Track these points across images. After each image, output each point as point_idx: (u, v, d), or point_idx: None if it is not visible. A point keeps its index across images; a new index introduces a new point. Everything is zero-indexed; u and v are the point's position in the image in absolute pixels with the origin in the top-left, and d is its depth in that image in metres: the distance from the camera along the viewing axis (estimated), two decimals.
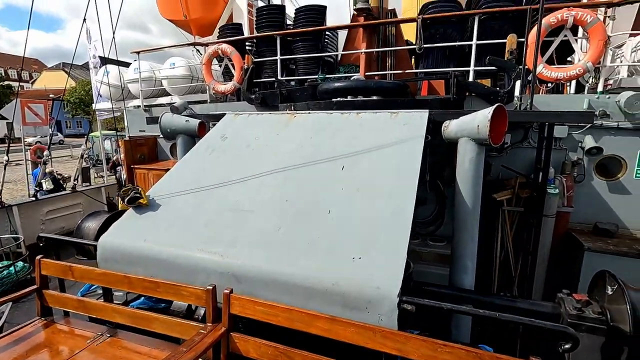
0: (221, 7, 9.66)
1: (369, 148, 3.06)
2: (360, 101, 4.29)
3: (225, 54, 6.62)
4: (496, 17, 5.22)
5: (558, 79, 4.78)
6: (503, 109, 2.76)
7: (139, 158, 7.30)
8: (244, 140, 3.56)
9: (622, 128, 4.45)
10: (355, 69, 6.08)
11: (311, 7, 6.36)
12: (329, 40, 6.69)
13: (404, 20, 6.05)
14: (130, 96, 8.67)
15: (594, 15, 4.50)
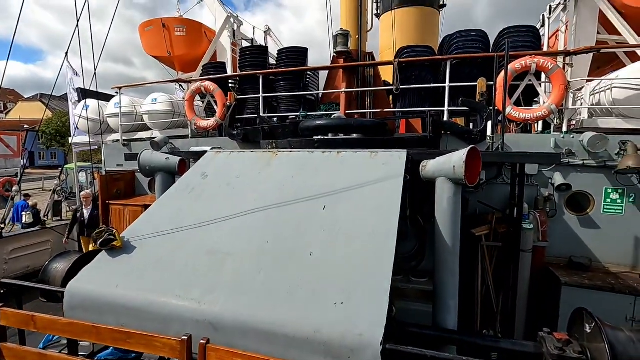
0: (205, 45, 9.92)
1: (349, 187, 3.10)
2: (341, 139, 4.39)
3: (208, 90, 6.73)
4: (466, 62, 5.58)
5: (526, 119, 5.08)
6: (477, 151, 2.88)
7: (116, 193, 7.10)
8: (225, 179, 3.54)
9: (587, 166, 4.71)
10: (336, 107, 6.28)
11: (293, 49, 6.63)
12: (311, 79, 6.93)
13: (382, 63, 6.38)
14: (110, 130, 8.55)
15: (554, 62, 4.89)
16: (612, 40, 6.93)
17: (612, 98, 4.98)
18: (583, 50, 5.07)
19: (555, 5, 7.52)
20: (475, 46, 5.67)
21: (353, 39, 6.29)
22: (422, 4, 15.10)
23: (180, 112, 7.79)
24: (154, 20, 10.04)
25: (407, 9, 15.08)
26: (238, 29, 9.81)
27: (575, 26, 6.80)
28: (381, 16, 16.14)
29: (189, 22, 10.02)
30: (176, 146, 6.95)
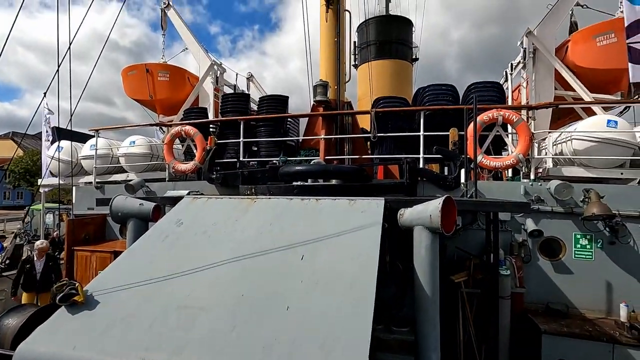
0: (188, 89, 10.11)
1: (328, 235, 3.07)
2: (320, 186, 4.43)
3: (189, 135, 6.75)
4: (439, 113, 5.92)
5: (496, 167, 5.34)
6: (452, 200, 2.97)
7: (84, 238, 6.74)
8: (201, 226, 3.45)
9: (556, 212, 4.91)
10: (315, 153, 6.41)
11: (274, 97, 6.85)
12: (291, 125, 7.11)
13: (359, 112, 6.67)
14: (83, 172, 8.31)
15: (519, 115, 5.26)
16: (567, 95, 7.59)
17: (573, 148, 5.34)
18: (543, 105, 5.50)
19: (516, 64, 8.25)
20: (446, 99, 6.06)
21: (332, 89, 6.59)
22: (396, 57, 16.27)
23: (159, 154, 7.72)
24: (137, 65, 10.23)
25: (382, 61, 16.18)
26: (221, 76, 10.11)
27: (535, 82, 7.44)
28: (359, 67, 17.18)
29: (173, 68, 10.26)
30: (152, 189, 6.80)
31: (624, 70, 6.31)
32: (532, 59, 7.51)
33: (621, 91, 7.30)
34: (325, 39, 6.80)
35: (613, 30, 6.85)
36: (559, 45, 7.88)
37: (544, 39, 7.51)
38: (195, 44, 10.07)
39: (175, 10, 10.22)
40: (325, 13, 6.61)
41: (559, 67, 7.22)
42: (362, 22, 16.72)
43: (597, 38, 7.07)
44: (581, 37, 7.47)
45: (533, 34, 7.51)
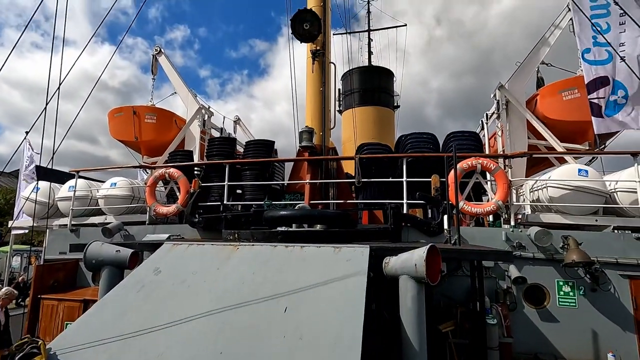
0: (175, 132, 10.17)
1: (312, 285, 2.99)
2: (305, 232, 4.39)
3: (172, 177, 6.69)
4: (420, 160, 6.11)
5: (477, 213, 5.45)
6: (436, 249, 2.98)
7: (52, 285, 6.33)
8: (180, 276, 3.31)
9: (537, 259, 4.98)
10: (300, 197, 6.42)
11: (261, 141, 6.97)
12: (276, 169, 7.17)
13: (344, 157, 6.82)
14: (58, 214, 8.00)
15: (496, 164, 5.48)
16: (540, 144, 8.02)
17: (549, 195, 5.55)
18: (518, 154, 5.78)
19: (491, 114, 8.75)
20: (427, 146, 6.30)
21: (317, 135, 6.77)
22: (378, 104, 17.03)
23: (140, 197, 7.56)
24: (124, 108, 10.32)
25: (365, 108, 16.89)
26: (208, 119, 10.27)
27: (509, 132, 7.87)
28: (343, 112, 17.85)
29: (160, 111, 10.39)
30: (131, 233, 6.57)
31: (589, 123, 6.77)
32: (505, 110, 8.01)
33: (588, 141, 7.79)
34: (311, 88, 7.10)
35: (576, 86, 7.44)
36: (528, 98, 8.46)
37: (514, 92, 8.06)
38: (184, 88, 10.30)
39: (166, 57, 10.56)
40: (312, 65, 6.97)
41: (530, 118, 7.70)
42: (347, 72, 17.63)
43: (562, 93, 7.64)
44: (548, 91, 8.06)
45: (505, 87, 8.07)
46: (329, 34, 7.21)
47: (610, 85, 6.35)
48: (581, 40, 6.57)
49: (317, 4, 7.14)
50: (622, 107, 6.20)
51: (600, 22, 6.57)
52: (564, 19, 8.00)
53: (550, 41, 8.18)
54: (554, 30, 8.12)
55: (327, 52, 6.98)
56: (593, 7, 6.60)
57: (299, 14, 6.52)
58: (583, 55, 6.49)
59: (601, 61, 6.38)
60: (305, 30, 6.53)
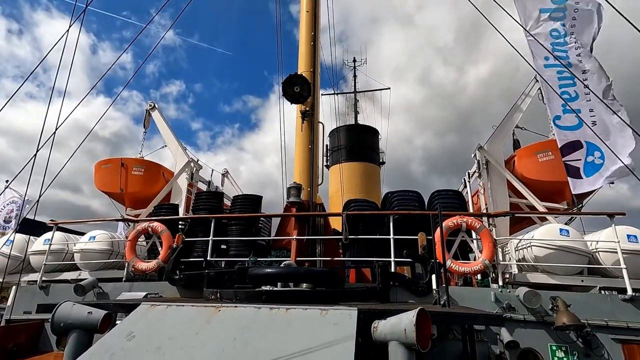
0: (161, 184, 10.13)
1: (297, 353, 2.82)
2: (290, 291, 4.24)
3: (156, 231, 6.52)
4: (406, 217, 6.18)
5: (465, 272, 5.41)
6: (425, 313, 2.90)
7: (10, 349, 5.76)
8: (155, 341, 3.08)
9: (528, 321, 4.86)
10: (286, 254, 6.29)
11: (248, 196, 6.98)
12: (263, 224, 7.09)
13: (331, 214, 6.85)
14: (29, 269, 7.55)
15: (480, 222, 5.58)
16: (521, 202, 8.28)
17: (534, 254, 5.60)
18: (501, 213, 5.94)
19: (472, 172, 9.09)
20: (412, 204, 6.42)
21: (305, 191, 6.85)
22: (364, 160, 17.57)
23: (120, 251, 7.26)
24: (112, 159, 10.34)
25: (352, 163, 17.37)
26: (196, 172, 10.32)
27: (491, 190, 8.14)
28: (330, 167, 18.28)
29: (148, 163, 10.43)
30: (105, 290, 6.20)
31: (565, 183, 7.08)
32: (486, 169, 8.36)
33: (566, 200, 8.08)
34: (300, 146, 7.33)
35: (550, 149, 7.91)
36: (507, 158, 8.90)
37: (493, 153, 8.50)
38: (174, 141, 10.49)
39: (159, 112, 10.87)
40: (301, 124, 7.28)
41: (509, 178, 8.03)
42: (334, 129, 18.40)
43: (537, 155, 8.09)
44: (524, 153, 8.53)
45: (484, 148, 8.51)
46: (318, 96, 7.65)
47: (584, 148, 6.75)
48: (551, 108, 7.11)
49: (307, 69, 7.66)
50: (600, 166, 6.54)
51: (568, 90, 7.18)
52: (533, 88, 8.76)
53: (522, 107, 8.85)
54: (524, 98, 8.83)
55: (316, 112, 7.35)
56: (560, 78, 7.23)
57: (290, 78, 6.96)
58: (554, 121, 6.99)
59: (572, 127, 6.86)
60: (295, 93, 6.92)
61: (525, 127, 9.08)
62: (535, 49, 7.10)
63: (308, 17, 8.03)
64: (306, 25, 8.00)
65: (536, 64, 7.15)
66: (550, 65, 7.07)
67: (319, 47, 8.16)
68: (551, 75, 7.11)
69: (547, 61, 7.19)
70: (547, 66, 7.12)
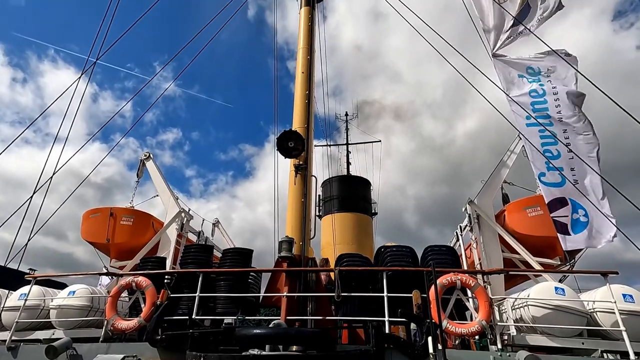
0: (150, 235, 9.89)
1: None
2: (279, 357, 3.99)
3: (140, 286, 6.24)
4: (399, 273, 6.06)
5: (462, 334, 5.20)
6: None
7: None
8: None
9: None
10: (276, 312, 6.01)
11: (238, 250, 6.83)
12: (253, 279, 6.86)
13: (323, 269, 6.69)
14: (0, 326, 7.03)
15: (475, 280, 5.49)
16: (514, 257, 8.23)
17: (531, 314, 5.45)
18: (495, 271, 5.87)
19: (464, 226, 9.12)
20: (406, 260, 6.33)
21: (297, 245, 6.74)
22: (357, 211, 17.59)
23: (100, 307, 6.87)
24: (102, 209, 10.18)
25: (344, 214, 17.37)
26: (187, 222, 10.16)
27: (483, 244, 8.12)
28: (323, 217, 18.20)
29: (138, 213, 10.28)
30: (79, 352, 5.76)
31: (556, 238, 7.12)
32: (477, 223, 8.42)
33: (559, 256, 8.07)
34: (292, 199, 7.36)
35: (538, 204, 8.06)
36: (497, 212, 9.00)
37: (483, 207, 8.60)
38: (167, 191, 10.44)
39: (154, 162, 10.95)
40: (294, 177, 7.38)
41: (501, 232, 8.06)
42: (327, 179, 18.62)
43: (526, 210, 8.21)
44: (514, 208, 8.66)
45: (474, 202, 8.63)
46: (311, 151, 7.85)
47: (570, 205, 6.90)
48: (535, 165, 7.36)
49: (301, 125, 7.95)
50: (585, 225, 6.63)
51: (550, 149, 7.49)
52: (517, 145, 9.13)
53: (508, 163, 9.14)
54: (510, 155, 9.16)
55: (309, 167, 7.50)
56: (542, 137, 7.57)
57: (285, 134, 7.19)
58: (539, 178, 7.20)
59: (557, 183, 7.06)
60: (289, 147, 7.10)
61: (512, 182, 9.32)
62: (517, 109, 7.52)
63: (303, 77, 8.51)
64: (301, 85, 8.45)
65: (518, 123, 7.52)
66: (532, 124, 7.44)
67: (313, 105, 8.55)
68: (533, 134, 7.44)
69: (528, 120, 7.58)
70: (529, 125, 7.49)
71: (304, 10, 9.35)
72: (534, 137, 7.26)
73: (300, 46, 8.94)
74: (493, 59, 7.61)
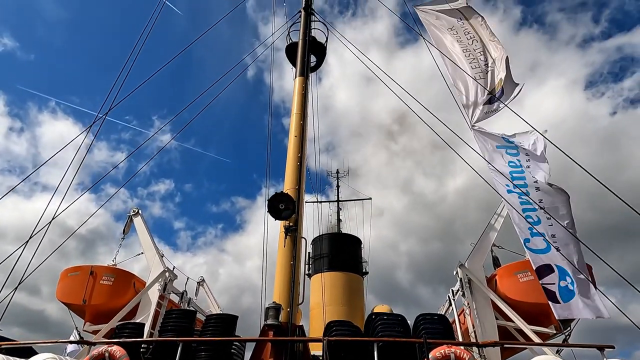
0: (130, 295, 9.40)
1: None
2: None
3: (114, 357, 5.78)
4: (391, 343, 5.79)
5: None
6: None
7: None
8: None
9: None
10: None
11: (222, 316, 6.51)
12: (236, 349, 6.45)
13: (311, 339, 6.38)
14: None
15: (470, 354, 5.25)
16: (508, 325, 7.97)
17: None
18: (490, 343, 5.65)
19: (456, 290, 8.95)
20: (397, 329, 6.09)
21: (284, 312, 6.47)
22: (347, 270, 17.17)
23: None
24: (82, 267, 9.74)
25: (334, 273, 16.91)
26: (170, 282, 9.74)
27: (476, 311, 7.91)
28: (312, 276, 17.67)
29: (120, 272, 9.84)
30: None
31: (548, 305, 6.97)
32: (469, 288, 8.28)
33: (553, 324, 7.84)
34: (281, 261, 7.21)
35: (528, 269, 8.00)
36: (489, 276, 8.90)
37: (474, 271, 8.53)
38: (152, 249, 10.14)
39: (142, 218, 10.78)
40: (284, 239, 7.31)
41: (494, 298, 7.90)
42: (317, 237, 18.42)
43: (518, 275, 8.15)
44: (505, 272, 8.59)
45: (464, 266, 8.57)
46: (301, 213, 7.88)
47: (556, 272, 6.88)
48: (520, 230, 7.46)
49: (292, 187, 8.07)
50: (573, 294, 6.56)
51: (531, 214, 7.66)
52: (503, 209, 9.33)
53: (496, 226, 9.26)
54: (497, 218, 9.32)
55: (299, 229, 7.48)
56: (522, 202, 7.78)
57: (276, 196, 7.27)
58: (525, 244, 7.27)
59: (541, 250, 7.11)
60: (280, 210, 7.14)
61: (502, 246, 9.36)
62: (497, 177, 7.82)
63: (296, 140, 8.84)
64: (294, 148, 8.74)
65: (499, 189, 7.77)
66: (512, 191, 7.69)
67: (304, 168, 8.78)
68: (514, 200, 7.65)
69: (508, 187, 7.84)
70: (510, 191, 7.74)
71: (298, 79, 10.01)
72: (515, 203, 7.46)
73: (294, 112, 9.41)
74: (472, 130, 8.09)
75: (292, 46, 11.34)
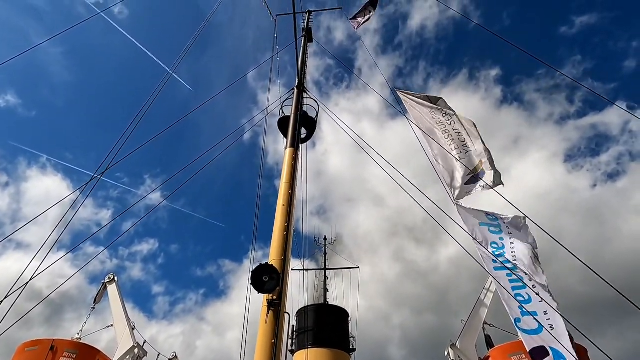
0: None
1: None
2: None
3: None
4: None
5: None
6: None
7: None
8: None
9: None
10: None
11: None
12: None
13: None
14: None
15: None
16: None
17: None
18: None
19: None
20: None
21: None
22: (333, 347, 16.02)
23: None
24: (42, 341, 8.88)
25: (320, 350, 15.74)
26: None
27: None
28: (295, 352, 16.36)
29: (83, 347, 9.01)
30: None
31: None
32: None
33: None
34: (262, 339, 6.71)
35: (522, 351, 7.67)
36: (482, 358, 8.44)
37: (466, 351, 8.10)
38: (123, 321, 9.46)
39: (117, 286, 10.20)
40: (266, 314, 6.91)
41: None
42: (302, 308, 17.48)
43: (512, 357, 7.76)
44: (498, 353, 8.19)
45: (456, 346, 8.15)
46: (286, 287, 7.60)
47: (551, 355, 6.56)
48: (510, 309, 7.25)
49: (277, 257, 7.89)
50: None
51: (521, 292, 7.51)
52: (492, 284, 9.20)
53: (486, 302, 9.06)
54: (487, 293, 9.16)
55: (283, 302, 7.13)
56: (511, 280, 7.69)
57: (260, 267, 7.05)
58: (516, 324, 7.02)
59: (533, 330, 6.85)
60: (263, 282, 6.87)
61: (493, 324, 9.05)
62: (483, 253, 7.83)
63: (283, 209, 8.86)
64: (281, 217, 8.73)
65: (487, 266, 7.72)
66: (499, 268, 7.64)
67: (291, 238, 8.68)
68: (503, 278, 7.54)
69: (495, 264, 7.80)
70: (497, 269, 7.68)
71: (288, 150, 10.38)
72: (503, 281, 7.35)
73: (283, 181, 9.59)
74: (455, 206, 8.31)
75: (285, 119, 11.98)
